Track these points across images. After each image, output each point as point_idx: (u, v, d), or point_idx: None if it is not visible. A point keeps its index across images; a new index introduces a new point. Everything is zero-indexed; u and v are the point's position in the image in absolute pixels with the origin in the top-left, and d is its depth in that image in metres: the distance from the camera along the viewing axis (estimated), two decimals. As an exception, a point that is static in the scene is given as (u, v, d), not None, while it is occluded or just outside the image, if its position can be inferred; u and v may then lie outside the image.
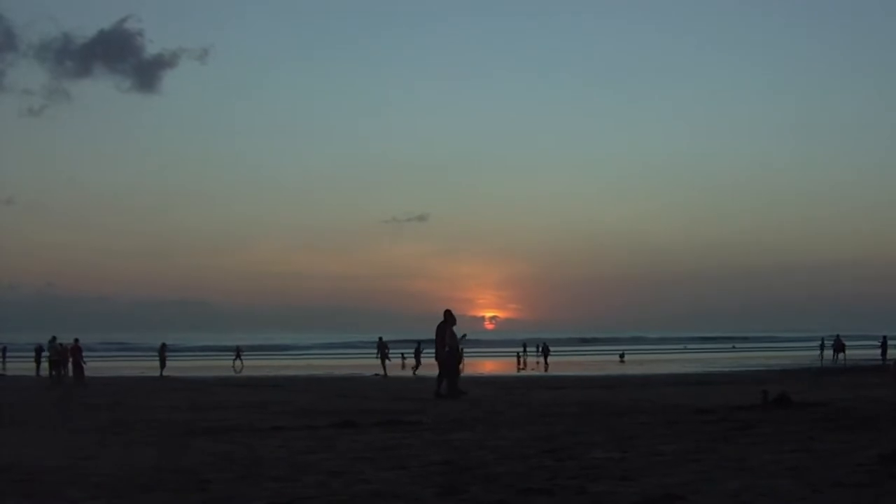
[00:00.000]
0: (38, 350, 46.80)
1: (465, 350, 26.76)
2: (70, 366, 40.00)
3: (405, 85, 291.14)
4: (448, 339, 23.90)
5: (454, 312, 24.46)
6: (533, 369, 52.89)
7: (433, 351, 24.63)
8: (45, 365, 44.17)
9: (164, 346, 50.46)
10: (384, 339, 48.93)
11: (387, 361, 46.78)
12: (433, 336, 24.09)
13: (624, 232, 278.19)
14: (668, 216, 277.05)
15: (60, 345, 41.45)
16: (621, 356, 65.39)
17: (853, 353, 56.27)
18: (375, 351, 48.37)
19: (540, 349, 61.17)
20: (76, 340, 40.62)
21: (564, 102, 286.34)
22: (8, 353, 60.20)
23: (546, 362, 57.15)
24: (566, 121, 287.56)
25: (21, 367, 52.94)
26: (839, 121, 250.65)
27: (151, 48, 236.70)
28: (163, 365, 47.98)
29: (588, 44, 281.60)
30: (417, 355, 48.81)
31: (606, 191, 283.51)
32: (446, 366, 23.88)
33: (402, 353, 57.03)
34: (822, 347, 57.99)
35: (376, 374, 43.50)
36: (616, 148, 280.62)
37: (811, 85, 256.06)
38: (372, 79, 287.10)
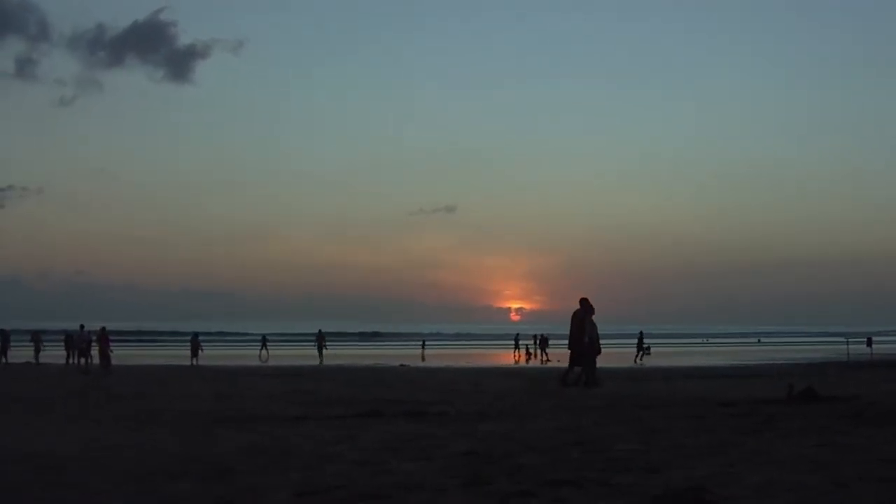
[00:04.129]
0: (68, 338, 46.89)
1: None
2: (96, 353, 40.28)
3: (434, 78, 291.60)
4: (588, 328, 23.81)
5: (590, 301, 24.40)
6: (530, 361, 53.39)
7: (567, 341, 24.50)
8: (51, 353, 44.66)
9: (196, 336, 50.73)
10: (322, 331, 56.73)
11: (324, 351, 54.11)
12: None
13: (651, 224, 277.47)
14: (695, 209, 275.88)
15: (89, 332, 41.69)
16: (647, 349, 65.02)
17: (883, 348, 55.86)
18: (314, 341, 55.84)
19: (538, 341, 60.71)
20: (103, 328, 40.87)
21: (592, 95, 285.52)
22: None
23: (546, 354, 56.96)
24: (594, 114, 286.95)
25: (46, 354, 53.37)
26: (868, 113, 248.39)
27: (185, 38, 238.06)
28: (194, 354, 48.15)
29: (615, 38, 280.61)
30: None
31: (634, 184, 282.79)
32: (586, 356, 23.76)
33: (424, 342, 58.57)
34: None
35: (402, 365, 43.69)
36: (644, 140, 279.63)
37: (841, 76, 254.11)
38: (401, 71, 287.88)
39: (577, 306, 24.03)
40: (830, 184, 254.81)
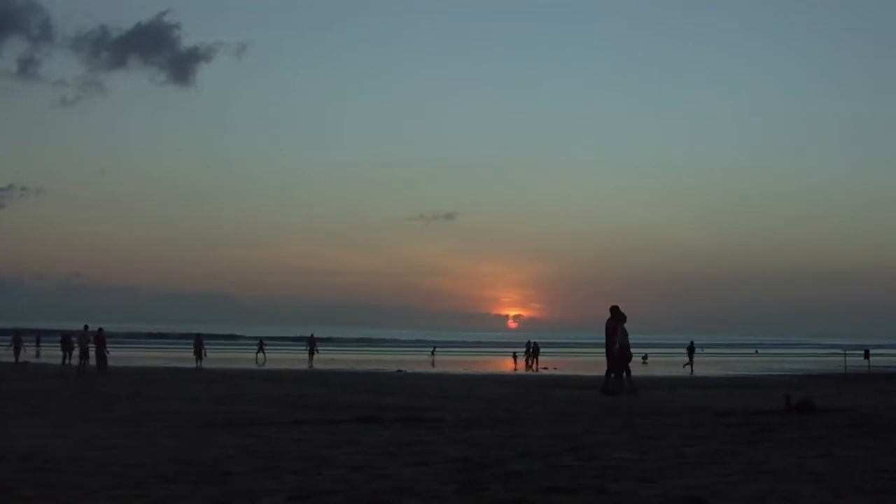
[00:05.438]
0: (66, 338, 46.64)
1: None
2: (93, 354, 40.15)
3: (437, 85, 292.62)
4: (619, 336, 23.97)
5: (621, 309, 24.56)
6: (529, 369, 53.35)
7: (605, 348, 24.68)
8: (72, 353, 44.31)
9: (199, 337, 50.93)
10: (314, 335, 58.00)
11: (314, 355, 54.79)
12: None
13: (648, 233, 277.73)
14: (694, 218, 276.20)
15: (90, 333, 41.46)
16: (644, 358, 64.92)
17: (880, 361, 55.82)
18: (305, 345, 56.61)
19: (530, 349, 60.53)
20: (100, 330, 40.76)
21: (591, 104, 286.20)
22: (25, 343, 59.02)
23: (537, 362, 56.93)
24: (592, 122, 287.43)
25: (43, 353, 53.34)
26: (868, 123, 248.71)
27: (188, 41, 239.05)
28: (199, 357, 48.36)
29: (613, 49, 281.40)
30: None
31: (631, 191, 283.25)
32: (617, 362, 23.95)
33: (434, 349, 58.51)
34: None
35: (399, 370, 43.69)
36: (641, 149, 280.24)
37: (841, 85, 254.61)
38: (404, 79, 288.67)
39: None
40: (830, 194, 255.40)
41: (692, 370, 50.06)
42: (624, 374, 24.10)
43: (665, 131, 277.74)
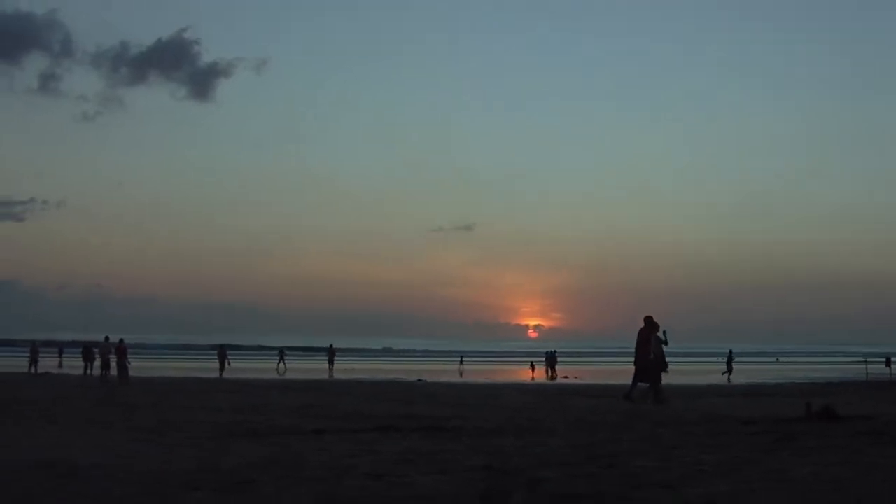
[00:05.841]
0: (88, 349, 46.83)
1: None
2: (114, 365, 40.31)
3: (457, 97, 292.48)
4: (654, 344, 23.97)
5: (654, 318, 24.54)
6: (550, 378, 53.16)
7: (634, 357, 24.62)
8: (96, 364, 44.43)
9: (223, 348, 51.33)
10: (333, 345, 59.33)
11: (334, 365, 56.13)
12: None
13: (668, 242, 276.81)
14: (714, 226, 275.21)
15: (111, 344, 41.61)
16: (665, 366, 64.46)
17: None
18: (326, 355, 57.92)
19: (547, 358, 60.35)
20: (121, 341, 40.94)
21: (610, 116, 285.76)
22: (42, 353, 59.03)
23: (554, 371, 56.79)
24: (612, 134, 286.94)
25: (64, 364, 53.54)
26: (888, 132, 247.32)
27: (207, 57, 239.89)
28: (222, 367, 48.90)
29: (636, 60, 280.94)
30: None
31: (651, 202, 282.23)
32: (652, 373, 23.93)
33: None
34: None
35: (419, 380, 43.70)
36: (661, 160, 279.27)
37: (856, 94, 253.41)
38: (424, 91, 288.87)
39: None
40: (850, 202, 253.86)
41: (727, 378, 49.79)
42: (656, 384, 24.04)
43: (686, 141, 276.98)
